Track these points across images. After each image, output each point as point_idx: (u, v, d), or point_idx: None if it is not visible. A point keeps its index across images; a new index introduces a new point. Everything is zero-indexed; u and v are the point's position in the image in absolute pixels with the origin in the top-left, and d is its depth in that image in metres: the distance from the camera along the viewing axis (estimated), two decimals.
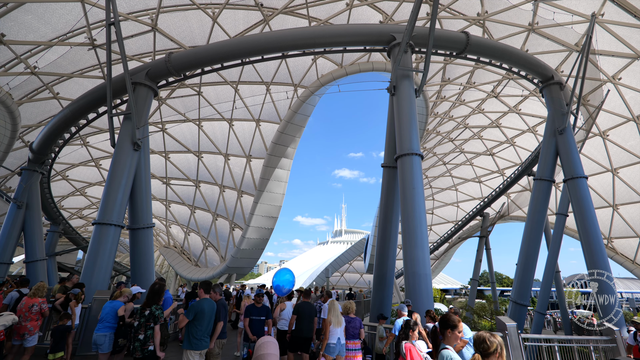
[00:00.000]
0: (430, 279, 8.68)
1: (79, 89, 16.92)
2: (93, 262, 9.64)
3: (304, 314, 6.64)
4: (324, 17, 17.57)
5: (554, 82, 13.60)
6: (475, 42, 12.31)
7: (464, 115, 27.10)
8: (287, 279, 8.55)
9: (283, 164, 24.91)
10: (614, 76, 17.24)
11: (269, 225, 26.16)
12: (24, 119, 16.82)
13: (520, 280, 12.78)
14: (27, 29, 13.55)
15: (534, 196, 13.16)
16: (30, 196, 15.22)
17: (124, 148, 10.98)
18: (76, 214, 31.66)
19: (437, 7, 9.83)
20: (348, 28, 13.40)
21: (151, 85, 12.26)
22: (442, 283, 66.04)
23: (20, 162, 18.95)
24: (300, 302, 6.97)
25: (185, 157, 26.87)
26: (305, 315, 6.64)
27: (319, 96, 22.78)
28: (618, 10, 13.95)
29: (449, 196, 36.62)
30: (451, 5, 16.96)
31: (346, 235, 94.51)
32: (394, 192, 11.05)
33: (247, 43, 12.48)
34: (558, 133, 12.90)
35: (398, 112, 10.58)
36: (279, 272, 8.86)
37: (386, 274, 10.95)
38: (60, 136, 14.74)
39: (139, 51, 17.00)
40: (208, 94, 21.81)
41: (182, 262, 35.10)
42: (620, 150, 20.95)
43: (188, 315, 4.87)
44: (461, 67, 21.80)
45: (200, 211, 30.64)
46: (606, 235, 24.55)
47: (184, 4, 15.69)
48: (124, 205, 10.69)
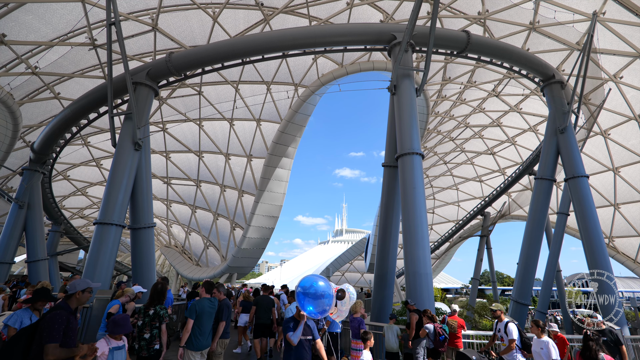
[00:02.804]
0: (431, 278, 8.69)
1: (79, 89, 16.94)
2: (94, 261, 9.66)
3: (262, 305, 7.97)
4: (324, 17, 17.55)
5: (555, 81, 13.57)
6: (476, 41, 12.28)
7: (465, 114, 27.06)
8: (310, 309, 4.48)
9: (284, 163, 24.92)
10: (615, 75, 17.19)
11: (270, 225, 26.18)
12: (25, 119, 16.85)
13: (521, 280, 12.76)
14: (28, 29, 13.57)
15: (535, 195, 13.14)
16: (31, 196, 15.26)
17: (124, 148, 10.99)
18: (77, 213, 31.72)
19: (438, 6, 9.80)
20: (348, 27, 13.38)
21: (152, 85, 12.26)
22: (443, 282, 65.98)
23: (22, 162, 18.99)
24: (260, 295, 8.32)
25: (186, 157, 26.89)
26: (263, 306, 7.98)
27: (319, 95, 22.77)
28: (619, 8, 13.90)
29: (450, 195, 36.58)
30: (452, 4, 16.93)
31: (347, 234, 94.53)
32: (395, 192, 11.04)
33: (247, 43, 12.48)
34: (559, 132, 12.88)
35: (399, 111, 10.57)
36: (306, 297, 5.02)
37: (387, 274, 10.96)
38: (62, 136, 14.77)
39: (140, 51, 17.01)
40: (209, 94, 21.82)
41: (183, 261, 35.16)
42: (621, 149, 20.90)
43: (190, 315, 4.87)
44: (462, 66, 21.77)
45: (201, 211, 30.67)
46: (607, 235, 24.49)
47: (185, 3, 15.69)
48: (125, 205, 10.70)
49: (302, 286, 4.30)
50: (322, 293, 4.24)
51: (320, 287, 4.27)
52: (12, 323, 4.28)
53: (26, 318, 4.38)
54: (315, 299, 4.22)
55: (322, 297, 4.25)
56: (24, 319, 4.36)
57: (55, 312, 3.25)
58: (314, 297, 4.23)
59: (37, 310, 4.52)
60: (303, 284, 4.33)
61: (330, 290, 4.40)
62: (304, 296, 4.26)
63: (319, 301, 4.23)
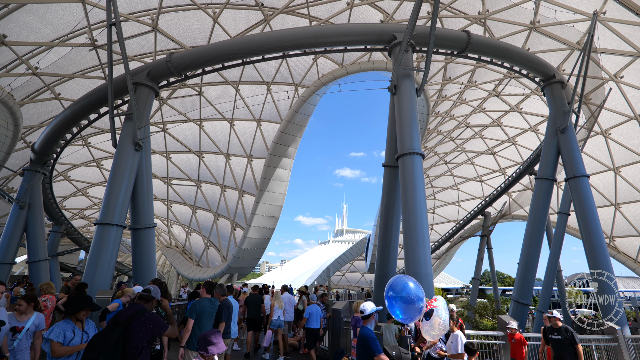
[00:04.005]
0: (431, 278, 8.68)
1: (80, 89, 16.96)
2: (95, 262, 9.66)
3: (251, 303, 9.22)
4: (324, 17, 17.56)
5: (556, 80, 13.55)
6: (476, 41, 12.27)
7: (465, 114, 27.05)
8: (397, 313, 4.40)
9: (284, 163, 24.92)
10: (615, 74, 17.17)
11: (270, 225, 26.18)
12: (25, 119, 16.87)
13: (521, 280, 12.75)
14: (29, 30, 13.59)
15: (536, 195, 13.13)
16: (32, 197, 15.26)
17: (125, 148, 10.99)
18: (78, 214, 31.75)
19: (438, 6, 9.80)
20: (349, 27, 13.38)
21: (152, 86, 12.26)
22: (444, 282, 65.96)
23: (22, 163, 19.02)
24: (250, 294, 9.59)
25: (186, 157, 26.91)
26: (252, 304, 9.20)
27: (320, 96, 22.77)
28: (620, 8, 13.88)
29: (450, 195, 36.57)
30: (452, 4, 16.92)
31: (347, 234, 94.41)
32: (395, 192, 11.03)
33: (247, 43, 12.48)
34: (560, 132, 12.86)
35: (399, 111, 10.56)
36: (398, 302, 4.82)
37: (387, 274, 10.94)
38: (62, 137, 14.78)
39: (140, 51, 17.03)
40: (209, 94, 21.83)
41: (183, 262, 35.18)
42: (622, 149, 20.88)
43: (191, 315, 4.88)
44: (462, 66, 21.76)
45: (202, 211, 30.69)
46: (608, 234, 24.47)
47: (185, 4, 15.70)
48: (125, 206, 10.71)
49: (393, 288, 3.91)
50: (414, 297, 3.84)
51: (412, 291, 3.87)
52: (55, 337, 3.85)
53: (69, 331, 3.97)
54: (406, 303, 3.87)
55: (414, 302, 3.86)
56: (67, 332, 3.94)
57: (152, 313, 3.79)
58: (404, 301, 3.89)
59: (79, 321, 4.09)
60: (394, 285, 3.94)
61: (422, 294, 4.02)
62: (394, 299, 3.90)
63: (409, 306, 3.88)
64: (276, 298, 9.23)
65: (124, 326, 3.49)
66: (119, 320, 3.55)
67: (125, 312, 3.66)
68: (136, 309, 3.71)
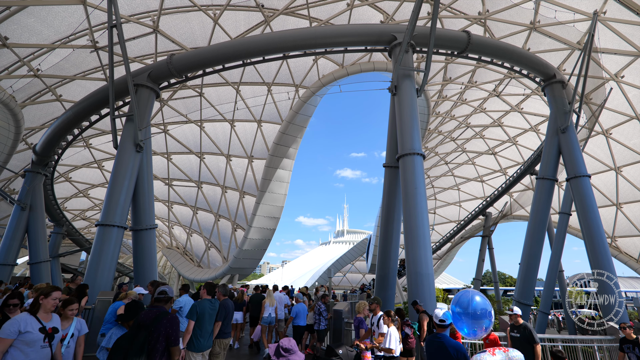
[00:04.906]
0: (432, 278, 8.67)
1: (81, 91, 17.01)
2: (96, 263, 9.68)
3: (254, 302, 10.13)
4: (324, 18, 17.58)
5: (556, 80, 13.55)
6: (476, 41, 12.28)
7: (466, 114, 27.03)
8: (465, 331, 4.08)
9: (285, 164, 24.94)
10: (616, 74, 17.15)
11: (271, 226, 26.19)
12: (27, 121, 16.92)
13: (523, 280, 12.72)
14: (30, 32, 13.64)
15: (537, 195, 13.11)
16: (33, 198, 15.29)
17: (126, 150, 11.02)
18: (79, 215, 31.80)
19: (438, 7, 9.80)
20: (349, 28, 13.40)
21: (153, 87, 12.30)
22: (445, 283, 65.77)
23: (24, 164, 19.07)
24: (253, 294, 10.47)
25: (187, 158, 26.95)
26: (255, 302, 10.04)
27: (320, 96, 22.79)
28: (620, 8, 13.87)
29: (451, 196, 36.53)
30: (452, 5, 16.93)
31: (348, 235, 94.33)
32: (396, 192, 11.03)
33: (248, 44, 12.51)
34: (560, 132, 12.85)
35: (399, 111, 10.57)
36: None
37: (388, 274, 10.95)
38: (63, 138, 14.82)
39: (141, 53, 17.07)
40: (209, 95, 21.87)
41: (184, 263, 35.20)
42: (623, 148, 20.83)
43: (191, 316, 4.88)
44: (462, 67, 21.76)
45: (203, 212, 30.71)
46: (610, 234, 24.40)
47: (185, 5, 15.74)
48: (126, 207, 10.73)
49: (460, 304, 3.64)
50: (482, 312, 3.56)
51: (479, 305, 3.60)
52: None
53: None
54: (474, 319, 3.61)
55: (481, 317, 3.56)
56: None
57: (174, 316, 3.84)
58: (472, 317, 3.62)
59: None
60: (461, 301, 3.67)
61: (489, 308, 3.71)
62: (461, 316, 3.62)
63: (477, 322, 3.60)
64: (268, 296, 9.67)
65: (148, 329, 3.59)
66: (143, 323, 3.64)
67: (148, 314, 3.73)
68: (158, 311, 3.80)
